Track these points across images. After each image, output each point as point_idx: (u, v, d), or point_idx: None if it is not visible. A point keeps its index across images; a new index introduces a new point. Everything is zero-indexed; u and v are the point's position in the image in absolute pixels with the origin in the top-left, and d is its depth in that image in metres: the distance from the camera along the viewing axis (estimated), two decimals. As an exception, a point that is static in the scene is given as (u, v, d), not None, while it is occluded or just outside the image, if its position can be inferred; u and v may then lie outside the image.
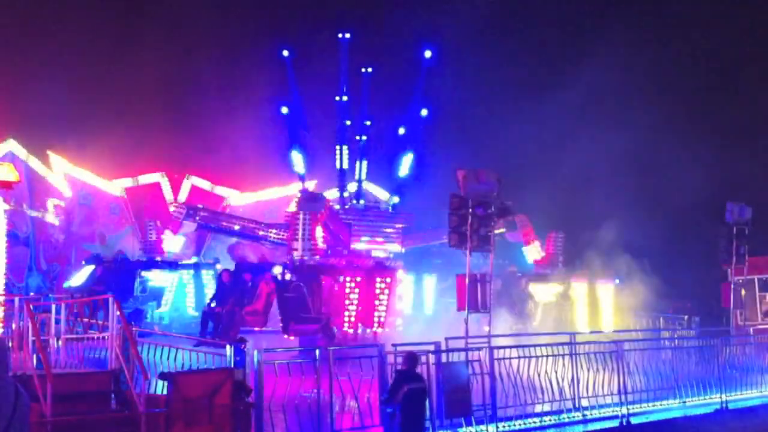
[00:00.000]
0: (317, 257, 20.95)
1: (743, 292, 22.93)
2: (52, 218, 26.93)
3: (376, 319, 21.46)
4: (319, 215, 21.10)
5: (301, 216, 20.78)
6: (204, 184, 30.72)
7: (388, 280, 21.87)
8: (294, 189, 27.07)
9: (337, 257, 21.60)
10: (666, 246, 28.03)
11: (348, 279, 21.05)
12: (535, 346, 14.61)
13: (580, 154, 28.81)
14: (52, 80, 27.77)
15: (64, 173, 27.78)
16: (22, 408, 5.27)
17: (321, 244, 21.43)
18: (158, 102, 31.05)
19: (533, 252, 26.90)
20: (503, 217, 16.76)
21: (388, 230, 23.28)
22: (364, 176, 25.04)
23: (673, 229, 28.41)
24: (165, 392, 11.16)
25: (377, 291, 21.60)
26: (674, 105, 32.00)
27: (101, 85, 30.28)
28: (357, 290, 21.15)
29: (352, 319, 21.09)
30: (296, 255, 20.69)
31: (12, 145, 25.93)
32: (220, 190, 31.01)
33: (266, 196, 31.59)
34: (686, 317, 24.38)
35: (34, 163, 26.86)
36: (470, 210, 15.36)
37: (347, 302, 21.00)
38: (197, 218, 24.99)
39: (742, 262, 21.59)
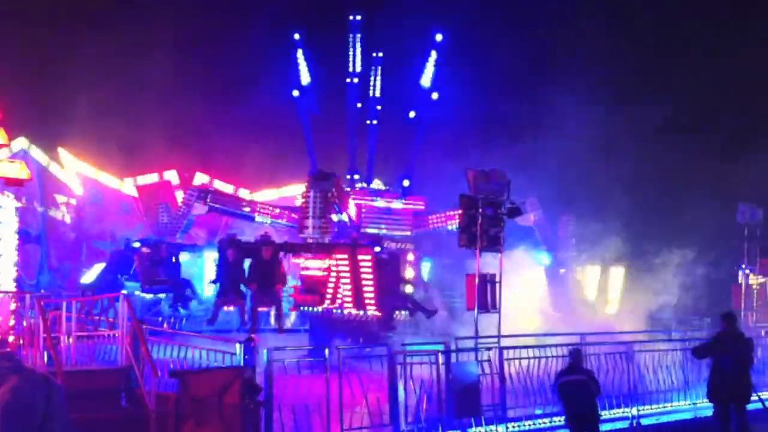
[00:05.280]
0: (327, 237, 20.85)
1: (755, 292, 22.86)
2: (63, 216, 27.05)
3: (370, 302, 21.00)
4: (330, 195, 21.04)
5: (311, 195, 20.75)
6: (214, 183, 30.80)
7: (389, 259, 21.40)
8: (292, 191, 27.29)
9: (346, 238, 21.52)
10: (677, 246, 27.88)
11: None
12: (544, 346, 14.58)
13: (593, 149, 28.67)
14: (64, 78, 27.92)
15: (75, 171, 27.90)
16: (57, 397, 5.33)
17: (335, 220, 21.24)
18: (169, 100, 31.13)
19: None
20: (513, 218, 16.69)
21: (398, 213, 23.23)
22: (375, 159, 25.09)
23: (684, 229, 28.26)
24: (175, 390, 11.19)
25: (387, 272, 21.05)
26: (686, 102, 31.85)
27: (112, 83, 30.42)
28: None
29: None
30: (306, 234, 20.63)
31: (24, 143, 26.05)
32: (230, 189, 31.07)
33: (273, 195, 31.68)
34: (697, 318, 24.30)
35: (46, 161, 26.98)
36: (480, 210, 15.33)
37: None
38: (207, 200, 25.10)
39: (753, 263, 21.54)
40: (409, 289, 22.38)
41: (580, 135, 28.70)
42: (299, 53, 26.08)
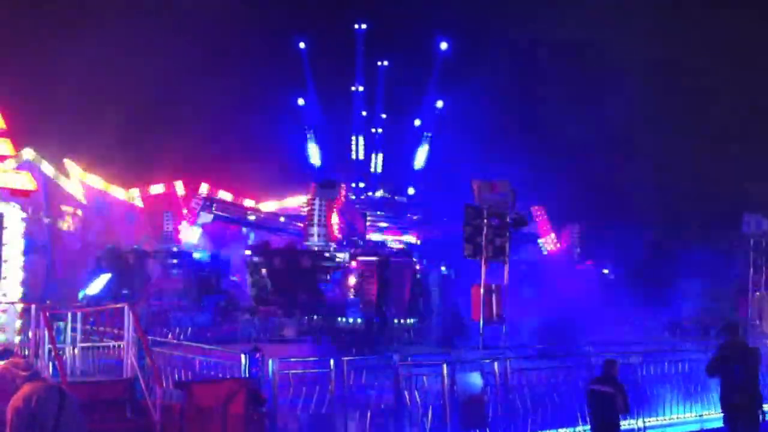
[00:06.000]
0: (333, 245, 20.98)
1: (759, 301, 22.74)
2: (69, 227, 27.10)
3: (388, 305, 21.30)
4: (335, 202, 21.19)
5: (316, 202, 20.86)
6: (220, 194, 30.83)
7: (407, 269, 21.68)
8: (294, 202, 27.31)
9: (351, 247, 21.62)
10: (683, 256, 27.88)
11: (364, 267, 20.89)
12: (550, 357, 14.53)
13: (601, 155, 28.61)
14: (70, 90, 28.00)
15: (80, 182, 27.98)
16: (71, 407, 5.39)
17: (336, 232, 21.44)
18: (174, 112, 31.22)
19: (548, 244, 26.71)
20: (518, 227, 16.68)
21: (403, 221, 23.29)
22: (379, 168, 25.23)
23: (691, 240, 28.27)
24: (180, 401, 11.17)
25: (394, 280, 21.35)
26: (693, 114, 31.83)
27: (118, 95, 30.51)
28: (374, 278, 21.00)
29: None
30: (312, 241, 20.77)
31: (30, 154, 26.12)
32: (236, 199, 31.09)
33: (274, 207, 31.70)
34: (703, 329, 24.19)
35: (51, 172, 27.05)
36: (485, 220, 15.32)
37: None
38: (213, 208, 25.24)
39: (759, 273, 21.50)
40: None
41: (589, 145, 28.73)
42: (303, 59, 26.21)
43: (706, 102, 31.94)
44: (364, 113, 25.28)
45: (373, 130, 25.55)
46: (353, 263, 20.68)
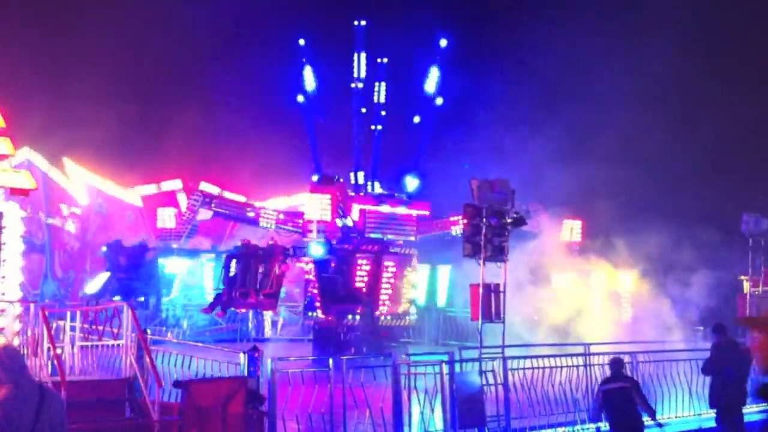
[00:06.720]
0: (333, 241, 21.01)
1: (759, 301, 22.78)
2: (68, 226, 27.10)
3: (381, 302, 21.43)
4: (333, 199, 21.20)
5: (315, 198, 20.91)
6: (220, 191, 30.84)
7: (393, 264, 21.86)
8: (289, 200, 27.37)
9: (349, 242, 21.65)
10: (681, 255, 27.85)
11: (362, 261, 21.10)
12: (549, 356, 14.56)
13: (598, 150, 28.50)
14: (70, 88, 27.99)
15: (80, 181, 27.98)
16: (50, 410, 5.27)
17: (335, 228, 21.53)
18: (173, 111, 31.20)
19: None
20: (518, 227, 16.66)
21: (402, 218, 23.35)
22: (378, 164, 25.25)
23: (687, 239, 28.23)
24: (178, 400, 11.20)
25: (384, 274, 21.55)
26: (693, 110, 31.72)
27: (117, 94, 30.49)
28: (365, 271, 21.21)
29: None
30: (311, 237, 20.78)
31: (28, 153, 26.12)
32: (236, 198, 31.09)
33: (277, 205, 31.70)
34: (701, 328, 24.18)
35: (51, 170, 27.04)
36: (484, 220, 15.32)
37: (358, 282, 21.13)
38: (212, 205, 25.20)
39: (757, 273, 21.55)
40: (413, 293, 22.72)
41: (587, 141, 28.64)
42: (304, 59, 26.23)
43: (717, 101, 31.80)
44: (363, 110, 25.28)
45: (373, 127, 25.56)
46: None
